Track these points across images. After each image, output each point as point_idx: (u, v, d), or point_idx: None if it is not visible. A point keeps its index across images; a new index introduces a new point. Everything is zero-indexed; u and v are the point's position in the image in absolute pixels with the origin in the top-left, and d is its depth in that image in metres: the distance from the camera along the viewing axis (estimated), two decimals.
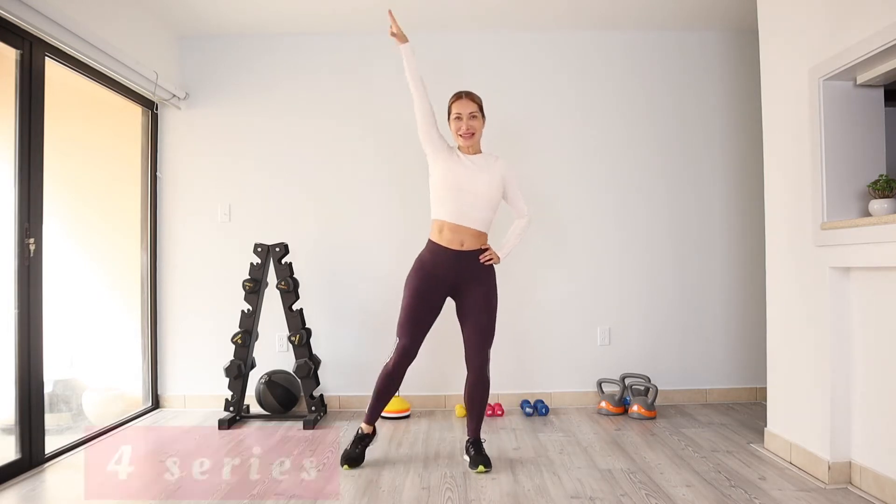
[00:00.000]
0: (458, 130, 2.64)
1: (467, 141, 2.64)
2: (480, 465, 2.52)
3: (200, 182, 3.74)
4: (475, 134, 2.65)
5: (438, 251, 2.61)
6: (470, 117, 2.63)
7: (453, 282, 2.62)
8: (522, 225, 2.76)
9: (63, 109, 3.04)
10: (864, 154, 2.36)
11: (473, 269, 2.62)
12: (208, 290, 3.71)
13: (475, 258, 2.62)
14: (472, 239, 2.61)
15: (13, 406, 2.59)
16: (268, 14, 3.48)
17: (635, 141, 3.76)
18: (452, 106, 2.68)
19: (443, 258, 2.60)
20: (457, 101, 2.67)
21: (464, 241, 2.59)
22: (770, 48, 2.78)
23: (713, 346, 3.74)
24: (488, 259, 2.63)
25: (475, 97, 2.69)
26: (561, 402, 3.69)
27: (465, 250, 2.60)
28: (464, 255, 2.60)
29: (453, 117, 2.66)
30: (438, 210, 2.63)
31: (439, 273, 2.60)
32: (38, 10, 2.49)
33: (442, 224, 2.61)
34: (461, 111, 2.63)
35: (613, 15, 3.55)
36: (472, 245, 2.61)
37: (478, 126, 2.66)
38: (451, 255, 2.59)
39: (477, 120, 2.65)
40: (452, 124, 2.67)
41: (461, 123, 2.63)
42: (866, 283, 2.27)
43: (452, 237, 2.59)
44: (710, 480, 2.40)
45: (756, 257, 3.60)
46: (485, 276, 2.64)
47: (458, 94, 2.69)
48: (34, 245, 2.63)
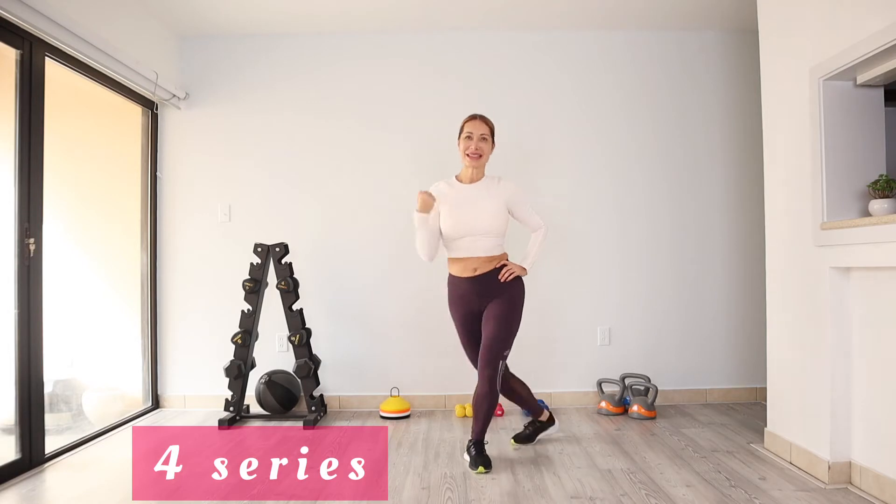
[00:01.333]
0: (466, 150, 2.67)
1: (474, 162, 2.67)
2: (480, 466, 2.52)
3: (200, 182, 3.74)
4: (482, 156, 2.68)
5: (455, 282, 2.72)
6: (480, 139, 2.66)
7: (478, 303, 2.69)
8: (540, 236, 2.78)
9: (63, 109, 3.04)
10: (864, 154, 2.36)
11: (493, 286, 2.66)
12: (208, 290, 3.71)
13: (493, 277, 2.66)
14: (484, 263, 2.66)
15: (13, 406, 2.59)
16: (268, 14, 3.48)
17: (635, 141, 3.76)
18: (465, 125, 2.71)
19: (461, 287, 2.69)
20: (471, 121, 2.71)
21: (476, 268, 2.66)
22: (770, 48, 2.78)
23: (713, 346, 3.74)
24: (508, 275, 2.65)
25: (489, 121, 2.73)
26: (561, 402, 3.69)
27: (480, 275, 2.65)
28: (480, 279, 2.66)
29: (464, 136, 2.69)
30: (447, 247, 2.72)
31: (464, 302, 2.70)
32: (38, 10, 2.49)
33: (453, 260, 2.71)
34: (473, 131, 2.67)
35: (614, 15, 3.55)
36: (485, 268, 2.66)
37: (486, 149, 2.69)
38: (467, 281, 2.67)
39: (486, 143, 2.69)
40: (462, 143, 2.69)
41: (471, 143, 2.66)
42: (866, 283, 2.27)
43: (464, 267, 2.67)
44: (710, 480, 2.40)
45: (756, 257, 3.60)
46: (507, 289, 2.66)
47: (473, 116, 2.73)
48: (34, 245, 2.63)
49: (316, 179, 3.73)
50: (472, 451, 2.60)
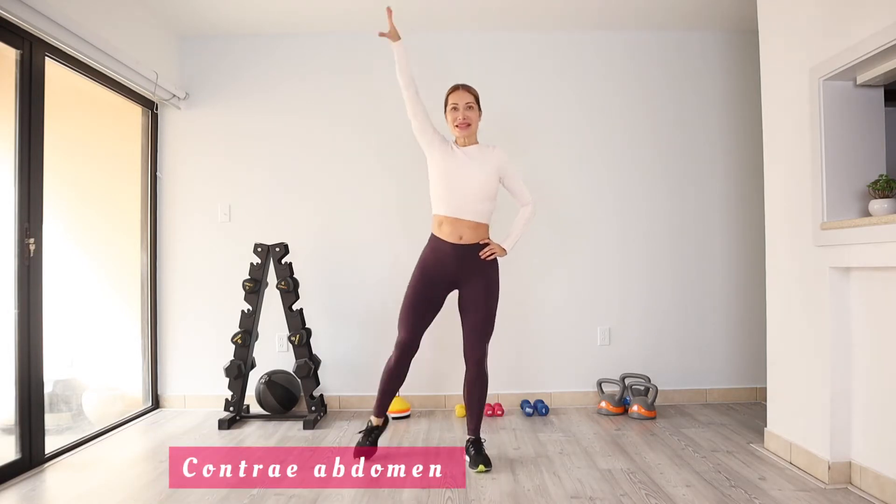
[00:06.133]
0: (454, 121, 2.66)
1: (463, 131, 2.65)
2: (480, 465, 2.52)
3: (200, 182, 3.74)
4: (471, 125, 2.67)
5: (438, 245, 2.64)
6: (466, 108, 2.65)
7: (454, 275, 2.63)
8: (527, 213, 2.75)
9: (63, 109, 3.04)
10: (864, 154, 2.36)
11: (474, 262, 2.63)
12: (208, 290, 3.71)
13: (475, 252, 2.63)
14: (471, 232, 2.62)
15: (13, 406, 2.59)
16: (268, 14, 3.48)
17: (635, 141, 3.76)
18: (449, 97, 2.70)
19: (443, 252, 2.62)
20: (454, 92, 2.69)
21: (462, 235, 2.61)
22: (770, 48, 2.78)
23: (713, 345, 3.74)
24: (490, 254, 2.63)
25: (471, 89, 2.71)
26: (561, 402, 3.69)
27: (465, 244, 2.61)
28: (463, 249, 2.61)
29: (450, 108, 2.68)
30: (436, 204, 2.66)
31: (440, 266, 2.62)
32: (38, 10, 2.49)
33: (441, 219, 2.64)
34: (458, 101, 2.65)
35: (613, 15, 3.55)
36: (470, 238, 2.62)
37: (474, 117, 2.68)
38: (451, 248, 2.61)
39: (473, 111, 2.67)
40: (449, 115, 2.69)
41: (457, 114, 2.65)
42: (866, 283, 2.27)
43: (451, 230, 2.61)
44: (710, 480, 2.40)
45: (756, 257, 3.60)
46: (486, 269, 2.64)
47: (455, 86, 2.71)
48: (34, 245, 2.63)
49: (316, 179, 3.73)
50: (472, 451, 2.60)
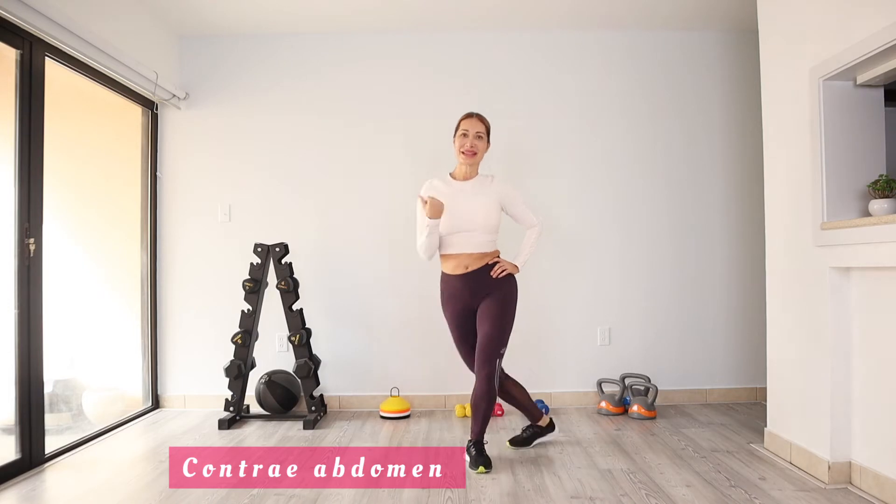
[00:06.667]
0: (461, 147, 2.68)
1: (468, 159, 2.68)
2: (481, 466, 2.52)
3: (200, 182, 3.74)
4: (477, 154, 2.69)
5: (447, 280, 2.72)
6: (476, 136, 2.68)
7: (470, 300, 2.68)
8: (534, 235, 2.79)
9: (63, 109, 3.04)
10: (864, 154, 2.36)
11: (486, 282, 2.66)
12: (208, 290, 3.71)
13: (485, 274, 2.66)
14: (476, 260, 2.66)
15: (13, 406, 2.59)
16: (268, 14, 3.48)
17: (636, 141, 3.76)
18: (461, 123, 2.73)
19: (453, 286, 2.69)
20: (467, 119, 2.72)
21: (468, 265, 2.65)
22: (770, 48, 2.78)
23: (713, 346, 3.74)
24: (501, 272, 2.65)
25: (485, 120, 2.74)
26: (561, 402, 3.69)
27: (471, 271, 2.65)
28: (471, 275, 2.65)
29: (459, 133, 2.71)
30: (440, 244, 2.71)
31: (456, 299, 2.70)
32: (38, 9, 2.49)
33: (446, 256, 2.71)
34: (468, 129, 2.68)
35: (614, 15, 3.55)
36: (476, 265, 2.66)
37: (481, 147, 2.70)
38: (459, 278, 2.66)
39: (482, 141, 2.70)
40: (457, 140, 2.71)
41: (466, 141, 2.67)
42: (866, 283, 2.27)
43: (456, 263, 2.67)
44: (710, 480, 2.40)
45: (756, 257, 3.60)
46: (500, 285, 2.66)
47: (470, 114, 2.74)
48: (34, 245, 2.63)
49: (316, 179, 3.73)
50: (472, 451, 2.60)
